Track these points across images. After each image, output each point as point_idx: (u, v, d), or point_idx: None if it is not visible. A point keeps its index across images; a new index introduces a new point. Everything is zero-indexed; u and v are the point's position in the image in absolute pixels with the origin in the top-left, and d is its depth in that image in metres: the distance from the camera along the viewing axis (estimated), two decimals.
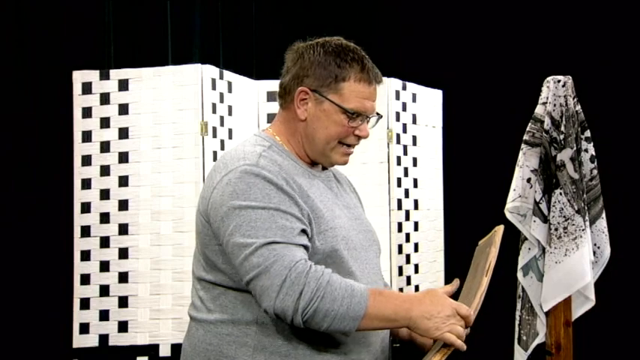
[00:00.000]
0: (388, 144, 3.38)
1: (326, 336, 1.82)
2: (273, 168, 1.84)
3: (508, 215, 3.25)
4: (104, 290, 3.08)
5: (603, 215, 3.30)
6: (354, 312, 1.73)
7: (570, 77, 3.24)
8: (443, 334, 1.78)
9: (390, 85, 3.41)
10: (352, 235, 1.93)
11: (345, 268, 1.87)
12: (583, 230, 3.15)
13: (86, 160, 3.12)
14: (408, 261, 3.49)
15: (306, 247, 1.80)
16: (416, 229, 3.55)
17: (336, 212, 1.92)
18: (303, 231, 1.80)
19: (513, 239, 3.35)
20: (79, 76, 3.14)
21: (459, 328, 1.79)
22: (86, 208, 3.11)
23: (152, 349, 3.04)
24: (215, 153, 3.06)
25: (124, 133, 3.10)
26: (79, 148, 3.13)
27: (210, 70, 3.09)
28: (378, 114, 1.99)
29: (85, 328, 3.08)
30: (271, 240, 1.75)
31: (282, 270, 1.72)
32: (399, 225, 3.44)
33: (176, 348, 2.97)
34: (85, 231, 3.10)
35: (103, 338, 3.07)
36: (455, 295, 2.09)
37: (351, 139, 1.96)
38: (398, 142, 3.43)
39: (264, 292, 1.74)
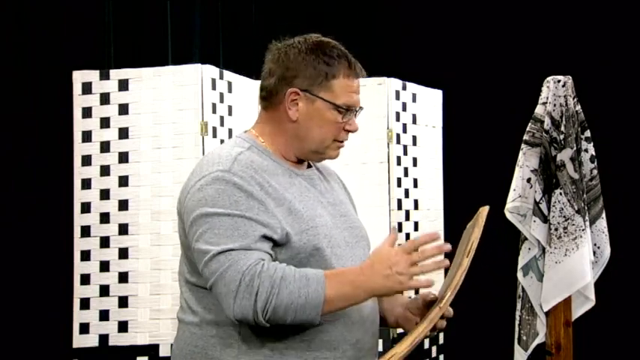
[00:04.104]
0: (388, 144, 3.38)
1: (311, 334, 1.82)
2: (246, 173, 1.84)
3: (508, 215, 3.25)
4: (104, 290, 3.08)
5: (603, 215, 3.30)
6: (313, 300, 1.74)
7: (570, 77, 3.24)
8: (408, 284, 1.81)
9: (390, 85, 3.41)
10: (335, 232, 1.93)
11: (328, 266, 1.87)
12: (583, 230, 3.15)
13: (86, 160, 3.12)
14: None
15: (269, 254, 1.80)
16: (416, 229, 3.54)
17: (318, 210, 1.92)
18: (268, 237, 1.81)
19: (513, 239, 3.35)
20: (79, 76, 3.14)
21: (415, 269, 1.82)
22: (86, 208, 3.11)
23: (152, 349, 3.04)
24: None
25: (124, 133, 3.10)
26: (79, 148, 3.13)
27: (210, 70, 3.09)
28: (360, 107, 2.01)
29: (85, 328, 3.08)
30: (229, 247, 1.76)
31: (235, 275, 1.74)
32: (399, 225, 3.44)
33: None
34: (85, 231, 3.10)
35: (103, 338, 3.07)
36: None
37: (342, 135, 1.96)
38: (398, 142, 3.43)
39: (222, 299, 1.76)
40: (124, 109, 3.11)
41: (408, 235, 3.49)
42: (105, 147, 3.11)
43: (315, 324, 1.79)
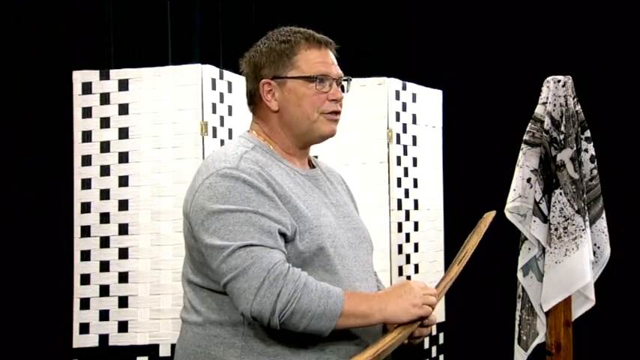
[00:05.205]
0: (388, 144, 3.38)
1: (315, 335, 1.82)
2: (253, 170, 1.84)
3: (508, 215, 3.26)
4: (104, 290, 3.08)
5: (603, 215, 3.30)
6: (330, 312, 1.76)
7: (570, 77, 3.24)
8: (421, 308, 1.85)
9: (390, 85, 3.41)
10: (339, 233, 1.93)
11: (332, 266, 1.88)
12: (583, 230, 3.15)
13: (86, 160, 3.12)
14: (408, 261, 3.49)
15: (283, 251, 1.81)
16: (416, 229, 3.55)
17: (322, 211, 1.92)
18: (282, 234, 1.81)
19: (513, 239, 3.35)
20: (79, 76, 3.14)
21: (432, 298, 1.86)
22: (86, 208, 3.11)
23: (152, 349, 3.04)
24: None
25: (124, 133, 3.10)
26: (79, 148, 3.13)
27: (210, 70, 3.09)
28: (346, 77, 2.00)
29: (85, 328, 3.08)
30: (249, 242, 1.76)
31: (260, 272, 1.73)
32: (399, 225, 3.44)
33: None
34: (85, 231, 3.10)
35: (103, 338, 3.07)
36: None
37: (328, 106, 1.95)
38: (398, 142, 3.43)
39: (241, 294, 1.75)
40: (124, 109, 3.11)
41: (408, 235, 3.49)
42: (105, 147, 3.11)
43: (323, 336, 1.80)
